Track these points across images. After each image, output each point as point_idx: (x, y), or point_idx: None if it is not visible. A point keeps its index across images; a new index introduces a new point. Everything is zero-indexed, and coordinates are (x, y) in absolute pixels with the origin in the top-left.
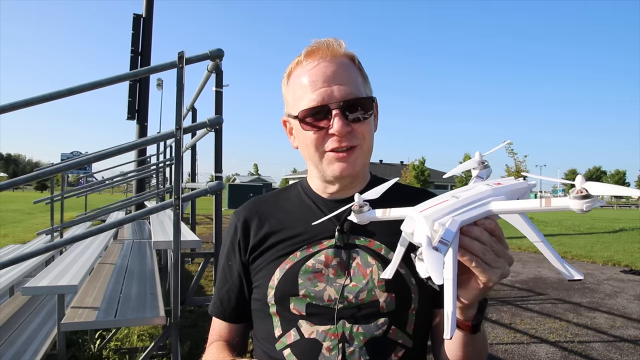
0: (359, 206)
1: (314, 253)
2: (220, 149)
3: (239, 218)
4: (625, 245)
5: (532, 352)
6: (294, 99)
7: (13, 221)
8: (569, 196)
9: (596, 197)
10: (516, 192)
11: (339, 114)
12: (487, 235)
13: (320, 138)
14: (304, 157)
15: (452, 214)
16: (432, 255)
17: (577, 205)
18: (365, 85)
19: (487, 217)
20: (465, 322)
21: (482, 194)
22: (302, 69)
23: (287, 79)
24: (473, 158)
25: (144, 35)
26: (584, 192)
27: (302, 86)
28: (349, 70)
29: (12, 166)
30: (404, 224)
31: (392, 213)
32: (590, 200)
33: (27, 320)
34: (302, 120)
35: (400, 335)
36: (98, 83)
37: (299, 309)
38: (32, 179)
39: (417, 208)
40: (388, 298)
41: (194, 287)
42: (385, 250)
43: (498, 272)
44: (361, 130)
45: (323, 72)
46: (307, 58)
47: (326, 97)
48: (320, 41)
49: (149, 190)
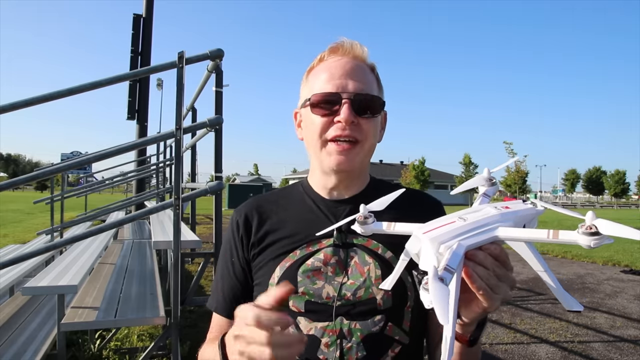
0: (364, 217)
1: (314, 252)
2: (220, 149)
3: (240, 215)
4: (625, 245)
5: (532, 352)
6: (310, 89)
7: (13, 221)
8: (578, 231)
9: (605, 235)
10: (524, 218)
11: (348, 104)
12: (492, 260)
13: (326, 124)
14: (307, 148)
15: (458, 237)
16: (438, 289)
17: (584, 241)
18: (379, 92)
19: (492, 242)
20: (463, 337)
21: (489, 218)
22: (324, 64)
23: (308, 74)
24: (481, 175)
25: (144, 35)
26: (594, 228)
27: (320, 77)
28: (367, 73)
29: (12, 166)
30: (409, 243)
31: (397, 228)
32: (598, 237)
33: (27, 320)
34: (313, 105)
35: (396, 332)
36: (98, 83)
37: (298, 306)
38: (32, 179)
39: (423, 227)
40: (385, 296)
41: (194, 287)
42: (382, 249)
43: (499, 298)
44: (366, 127)
45: (342, 66)
46: (330, 54)
47: (340, 87)
48: (346, 40)
49: (149, 190)
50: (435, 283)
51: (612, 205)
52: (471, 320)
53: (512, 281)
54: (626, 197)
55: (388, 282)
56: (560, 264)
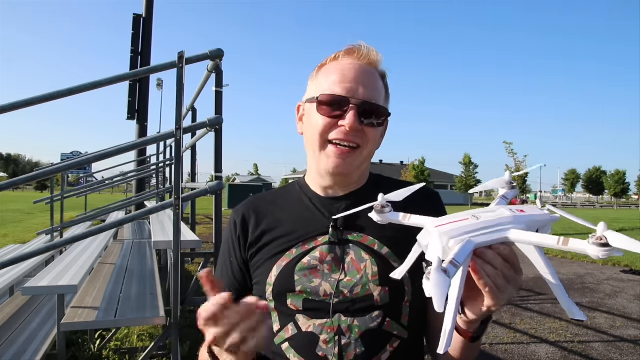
0: (382, 206)
1: (309, 250)
2: (220, 149)
3: (237, 215)
4: None
5: (532, 352)
6: (317, 86)
7: (13, 221)
8: (588, 241)
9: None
10: (537, 223)
11: (355, 110)
12: (501, 261)
13: (328, 126)
14: (306, 145)
15: (469, 234)
16: (439, 279)
17: (594, 252)
18: (386, 101)
19: (503, 243)
20: (467, 332)
21: (502, 219)
22: (337, 63)
23: (318, 70)
24: (502, 177)
25: (144, 35)
26: (604, 240)
27: (331, 75)
28: (377, 81)
29: (12, 166)
30: (420, 235)
31: (412, 219)
32: (608, 249)
33: (27, 320)
34: (320, 103)
35: (395, 327)
36: (98, 83)
37: (296, 305)
38: (32, 179)
39: (436, 221)
40: (382, 291)
41: (194, 287)
42: (378, 245)
43: (505, 298)
44: (368, 134)
45: (356, 69)
46: (346, 55)
47: (350, 92)
48: (364, 44)
49: (149, 190)
50: (437, 273)
51: (612, 205)
52: (476, 316)
53: (519, 283)
54: (626, 197)
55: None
56: (560, 263)
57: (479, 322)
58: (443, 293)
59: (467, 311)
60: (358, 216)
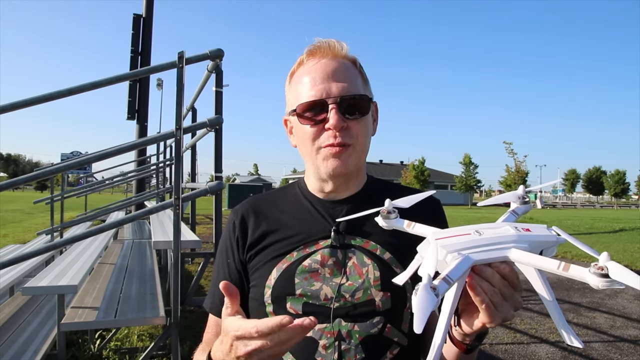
0: (387, 212)
1: (311, 253)
2: (220, 149)
3: (236, 215)
4: (625, 245)
5: (532, 352)
6: (295, 96)
7: (13, 221)
8: (589, 269)
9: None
10: (541, 244)
11: (335, 109)
12: (499, 279)
13: (316, 132)
14: (302, 155)
15: (469, 250)
16: (424, 297)
17: (594, 281)
18: (365, 86)
19: (503, 261)
20: (461, 345)
21: (506, 237)
22: (304, 68)
23: (290, 79)
24: (515, 191)
25: (144, 35)
26: (605, 270)
27: (302, 84)
28: (349, 69)
29: (12, 166)
30: (420, 245)
31: (416, 228)
32: (608, 280)
33: (27, 320)
34: (300, 115)
35: (395, 334)
36: (98, 83)
37: (296, 308)
38: (32, 179)
39: (437, 233)
40: (384, 297)
41: (194, 287)
42: (380, 251)
43: (501, 316)
44: (355, 129)
45: (323, 69)
46: (309, 57)
47: (324, 92)
48: (322, 40)
49: (149, 190)
50: (424, 291)
51: (612, 205)
52: (471, 330)
53: (518, 303)
54: (626, 197)
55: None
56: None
57: (474, 335)
58: (425, 312)
59: (462, 324)
60: (360, 220)
